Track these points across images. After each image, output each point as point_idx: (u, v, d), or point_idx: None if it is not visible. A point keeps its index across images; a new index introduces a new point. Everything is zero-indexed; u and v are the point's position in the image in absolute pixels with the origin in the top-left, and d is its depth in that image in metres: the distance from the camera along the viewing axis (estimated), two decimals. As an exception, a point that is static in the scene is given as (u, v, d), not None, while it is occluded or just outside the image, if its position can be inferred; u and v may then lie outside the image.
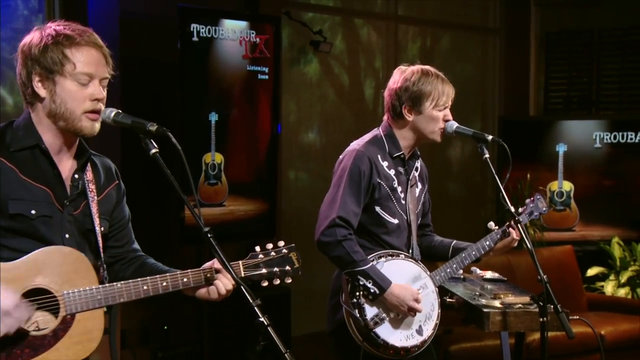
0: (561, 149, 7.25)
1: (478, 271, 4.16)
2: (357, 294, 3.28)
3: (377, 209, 3.36)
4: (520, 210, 3.59)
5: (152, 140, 2.36)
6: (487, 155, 3.32)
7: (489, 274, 4.20)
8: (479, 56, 8.31)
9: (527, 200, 3.64)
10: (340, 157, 3.41)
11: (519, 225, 3.28)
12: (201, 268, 2.47)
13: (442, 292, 3.70)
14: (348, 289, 3.32)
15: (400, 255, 3.39)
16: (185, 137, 5.59)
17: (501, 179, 3.30)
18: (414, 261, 3.41)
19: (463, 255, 3.44)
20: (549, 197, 7.12)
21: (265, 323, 2.17)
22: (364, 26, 7.56)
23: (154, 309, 5.94)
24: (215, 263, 2.45)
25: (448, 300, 3.68)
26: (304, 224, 6.33)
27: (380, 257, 3.35)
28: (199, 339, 5.83)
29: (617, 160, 7.22)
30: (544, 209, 3.64)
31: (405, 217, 3.41)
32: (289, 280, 2.57)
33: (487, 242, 3.46)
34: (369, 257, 3.33)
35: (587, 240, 7.16)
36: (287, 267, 2.56)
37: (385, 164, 3.37)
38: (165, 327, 5.95)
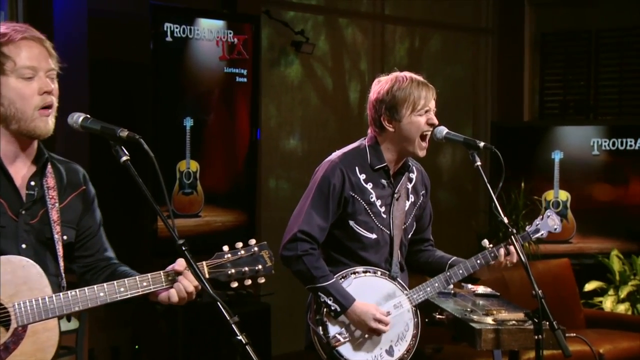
0: (557, 156, 7.29)
1: (469, 286, 4.18)
2: (321, 311, 3.33)
3: (352, 223, 3.39)
4: (527, 227, 3.60)
5: (122, 147, 2.36)
6: (478, 163, 3.35)
7: (481, 289, 4.21)
8: (471, 58, 8.35)
9: (537, 219, 3.63)
10: (317, 167, 3.45)
11: (513, 237, 3.29)
12: (162, 271, 2.46)
13: (431, 308, 3.72)
14: (314, 306, 3.38)
15: (377, 272, 3.41)
16: (159, 143, 5.58)
17: (494, 188, 3.32)
18: (389, 279, 3.43)
19: (448, 273, 3.46)
20: (544, 207, 7.16)
21: (243, 342, 2.17)
22: (348, 26, 7.59)
23: (124, 327, 5.91)
24: (177, 265, 2.44)
25: (437, 316, 3.70)
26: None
27: (351, 274, 3.38)
28: (172, 359, 5.80)
29: (617, 168, 7.26)
30: (555, 227, 3.62)
31: (388, 232, 3.43)
32: (262, 280, 2.55)
33: (478, 261, 3.47)
34: (340, 274, 3.36)
35: (585, 253, 7.19)
36: (259, 266, 2.54)
37: (362, 176, 3.39)
38: (137, 347, 5.93)
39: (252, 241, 2.56)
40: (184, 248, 2.29)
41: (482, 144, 3.37)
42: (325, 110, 7.42)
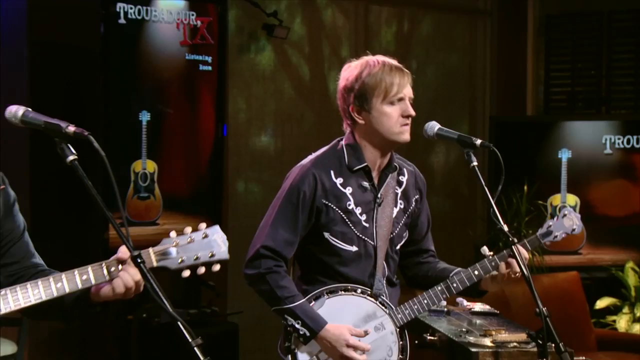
0: (565, 155, 7.33)
1: (465, 303, 4.19)
2: (290, 337, 3.34)
3: (327, 235, 3.39)
4: (538, 230, 3.59)
5: (69, 145, 2.36)
6: (475, 163, 3.35)
7: (478, 307, 4.23)
8: (467, 43, 8.38)
9: (550, 220, 3.62)
10: (289, 172, 3.46)
11: (514, 248, 3.31)
12: (104, 261, 2.46)
13: (422, 328, 3.72)
14: (284, 332, 3.38)
15: (357, 290, 3.42)
16: (111, 140, 5.57)
17: (493, 191, 3.33)
18: (369, 297, 3.43)
19: (440, 288, 3.45)
20: (550, 213, 7.19)
21: (208, 367, 2.17)
22: (327, 7, 7.60)
23: (70, 351, 5.89)
24: (120, 253, 2.44)
25: (428, 338, 3.71)
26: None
27: (326, 293, 3.38)
28: (126, 387, 5.79)
29: (632, 168, 7.30)
30: (574, 227, 3.59)
31: (372, 243, 3.43)
32: (217, 268, 2.55)
33: (476, 272, 3.46)
34: (313, 294, 3.37)
35: (596, 266, 7.23)
36: (212, 251, 2.53)
37: (339, 180, 3.39)
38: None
39: (203, 225, 2.56)
40: (139, 261, 2.29)
41: (479, 141, 3.38)
42: (301, 102, 7.42)
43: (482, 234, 7.52)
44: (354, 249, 3.41)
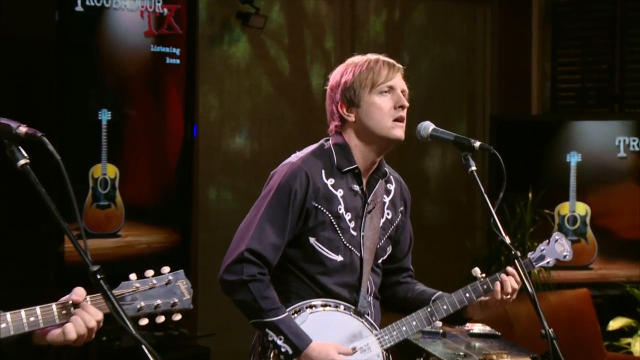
0: (574, 159, 7.35)
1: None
2: (268, 354, 3.34)
3: (312, 240, 3.40)
4: (530, 254, 3.64)
5: (20, 148, 2.36)
6: (474, 168, 3.37)
7: (477, 328, 4.24)
8: (465, 34, 8.40)
9: (542, 244, 3.67)
10: (272, 172, 3.46)
11: (517, 262, 3.32)
12: (54, 303, 2.45)
13: (415, 351, 3.73)
14: (259, 348, 3.38)
15: (340, 307, 3.42)
16: (67, 142, 5.56)
17: (493, 199, 3.34)
18: (354, 315, 3.44)
19: (429, 309, 3.48)
20: (558, 223, 7.21)
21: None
22: (310, -7, 7.62)
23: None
24: (74, 295, 2.44)
25: (422, 362, 3.72)
26: (228, 260, 6.32)
27: (307, 308, 3.39)
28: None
29: (648, 174, 7.34)
30: (565, 254, 3.67)
31: (358, 254, 3.44)
32: (178, 317, 2.56)
33: (467, 295, 3.49)
34: (292, 307, 3.37)
35: (609, 282, 7.25)
36: (174, 299, 2.55)
37: (330, 181, 3.41)
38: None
39: (166, 269, 2.57)
40: (98, 277, 2.29)
41: (478, 143, 3.39)
42: (280, 100, 7.42)
43: (482, 247, 7.53)
44: (339, 258, 3.42)
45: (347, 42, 7.62)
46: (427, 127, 3.48)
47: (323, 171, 3.42)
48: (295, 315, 3.38)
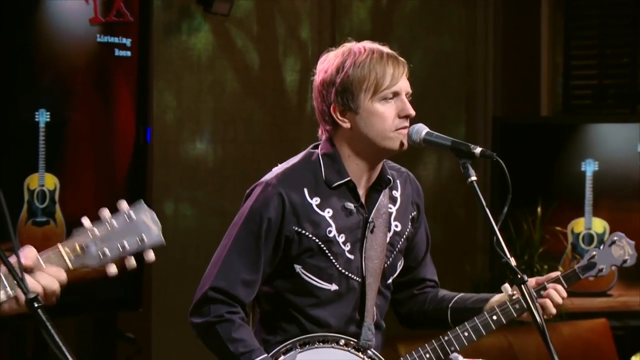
0: (590, 168, 7.37)
1: (460, 359, 4.21)
2: None
3: (299, 269, 3.40)
4: (580, 262, 3.64)
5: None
6: (474, 178, 3.37)
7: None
8: (463, 23, 8.43)
9: (594, 248, 3.67)
10: (248, 190, 3.46)
11: (523, 287, 3.33)
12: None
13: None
14: None
15: (340, 341, 3.42)
16: (-2, 148, 5.55)
17: (496, 214, 3.35)
18: (354, 351, 3.43)
19: (447, 338, 3.48)
20: (571, 242, 7.23)
21: None
22: (283, -26, 7.63)
23: None
24: (23, 260, 2.43)
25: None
26: (189, 288, 6.30)
27: (299, 345, 3.38)
28: None
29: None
30: (626, 258, 3.69)
31: (357, 279, 3.44)
32: (151, 257, 2.57)
33: (494, 318, 3.53)
34: (281, 347, 3.37)
35: (631, 311, 7.27)
36: (141, 236, 2.58)
37: (315, 200, 3.40)
38: None
39: (123, 204, 2.57)
40: (36, 305, 2.29)
41: (478, 149, 3.40)
42: (248, 99, 7.42)
43: (483, 271, 7.55)
44: (333, 287, 3.42)
45: (327, 31, 7.62)
46: (420, 130, 3.47)
47: (306, 190, 3.41)
48: (283, 355, 3.37)
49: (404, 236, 3.56)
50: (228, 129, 7.31)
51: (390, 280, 3.54)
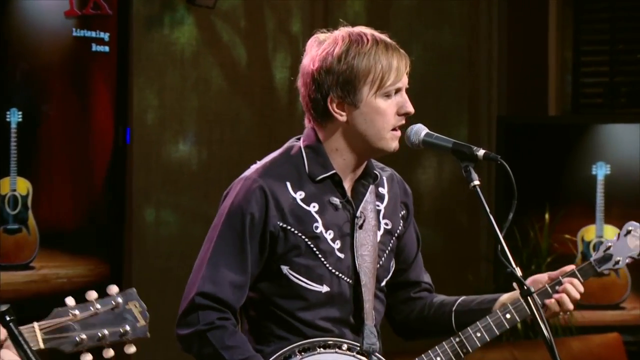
0: (601, 171, 7.38)
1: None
2: None
3: (286, 270, 3.38)
4: (593, 255, 3.66)
5: None
6: (477, 183, 3.37)
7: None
8: (465, 16, 8.43)
9: (608, 240, 3.69)
10: (226, 190, 3.44)
11: (530, 300, 3.34)
12: None
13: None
14: None
15: (343, 346, 3.42)
16: (-34, 150, 5.55)
17: (501, 221, 3.36)
18: (358, 356, 3.44)
19: (458, 339, 3.49)
20: (581, 251, 7.24)
21: None
22: (272, -36, 7.64)
23: None
24: None
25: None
26: (172, 300, 6.30)
27: (298, 352, 3.38)
28: None
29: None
30: None
31: (348, 281, 3.44)
32: (132, 350, 2.56)
33: (508, 316, 3.54)
34: (280, 353, 3.36)
35: (645, 325, 7.29)
36: (125, 327, 2.56)
37: (299, 195, 3.39)
38: None
39: (113, 289, 2.56)
40: (7, 318, 2.29)
41: (482, 152, 3.40)
42: (235, 97, 7.43)
43: (487, 281, 7.56)
44: (324, 289, 3.41)
45: (319, 25, 7.53)
46: (419, 131, 3.47)
47: (289, 183, 3.39)
48: None
49: (396, 235, 3.55)
50: (213, 130, 7.31)
51: (383, 283, 3.53)
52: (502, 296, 3.65)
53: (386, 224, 3.53)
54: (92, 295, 2.54)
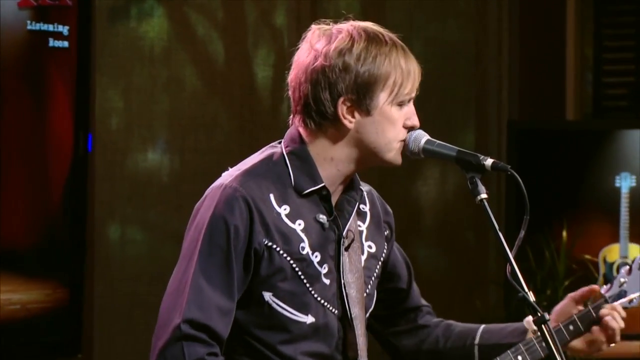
0: (625, 183, 7.40)
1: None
2: None
3: (268, 297, 3.33)
4: (603, 289, 3.68)
5: None
6: (484, 196, 3.38)
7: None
8: (472, 9, 8.46)
9: (621, 273, 3.71)
10: (198, 203, 3.39)
11: (544, 327, 3.35)
12: None
13: None
14: None
15: None
16: None
17: (512, 240, 3.37)
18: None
19: None
20: (603, 273, 7.25)
21: None
22: (254, -52, 7.66)
23: None
24: None
25: None
26: (140, 328, 6.30)
27: None
28: None
29: None
30: None
31: (335, 311, 3.43)
32: None
33: (519, 358, 3.57)
34: None
35: (676, 356, 7.31)
36: None
37: (284, 209, 3.34)
38: None
39: None
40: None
41: (490, 161, 3.40)
42: (213, 99, 7.44)
43: (497, 307, 7.58)
44: (309, 319, 3.37)
45: (306, 17, 7.64)
46: (419, 138, 3.46)
47: (272, 195, 3.33)
48: None
49: (381, 259, 3.54)
50: (187, 136, 7.33)
51: (368, 314, 3.53)
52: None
53: (369, 247, 3.50)
54: None
